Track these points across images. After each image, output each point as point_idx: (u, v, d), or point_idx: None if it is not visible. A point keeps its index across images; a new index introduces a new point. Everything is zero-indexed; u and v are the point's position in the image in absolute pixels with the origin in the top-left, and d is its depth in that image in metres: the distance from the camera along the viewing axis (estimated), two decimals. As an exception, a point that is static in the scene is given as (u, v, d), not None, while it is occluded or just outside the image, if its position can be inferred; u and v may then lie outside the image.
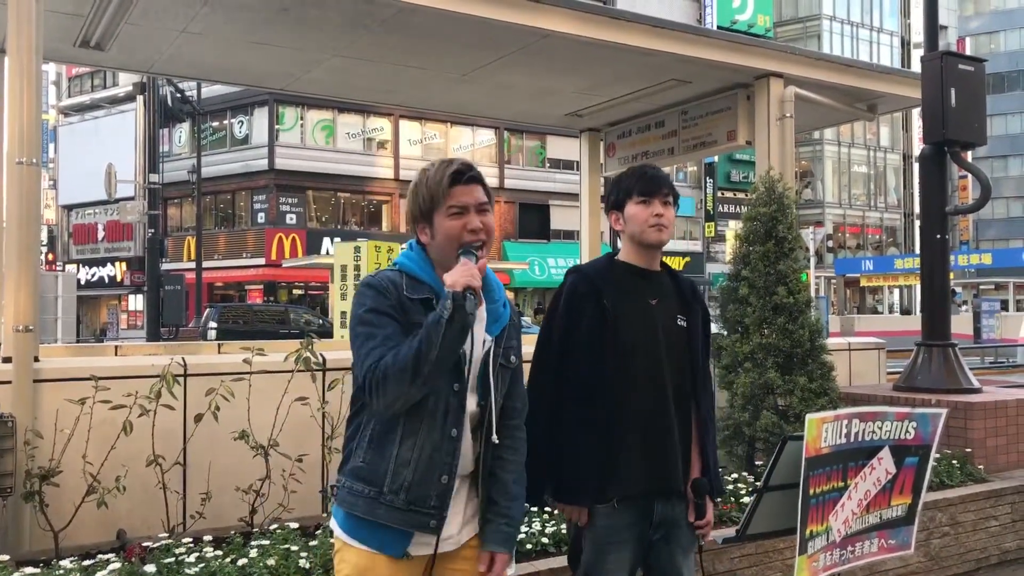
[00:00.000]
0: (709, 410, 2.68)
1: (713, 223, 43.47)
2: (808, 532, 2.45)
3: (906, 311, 48.14)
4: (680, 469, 2.55)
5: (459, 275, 2.00)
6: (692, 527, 2.59)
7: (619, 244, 2.81)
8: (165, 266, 27.73)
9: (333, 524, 2.18)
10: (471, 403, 2.15)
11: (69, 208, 39.31)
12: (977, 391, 5.93)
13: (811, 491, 2.43)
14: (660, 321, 2.59)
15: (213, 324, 22.33)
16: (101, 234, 37.93)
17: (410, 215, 2.22)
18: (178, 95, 27.18)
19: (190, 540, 3.51)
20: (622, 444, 2.51)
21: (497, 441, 2.16)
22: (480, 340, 2.15)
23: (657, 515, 2.54)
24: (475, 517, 2.20)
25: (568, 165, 35.92)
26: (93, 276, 37.59)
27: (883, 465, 2.62)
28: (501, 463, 2.23)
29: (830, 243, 48.89)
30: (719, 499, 2.95)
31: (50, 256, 39.35)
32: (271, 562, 3.22)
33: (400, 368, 1.95)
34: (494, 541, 2.19)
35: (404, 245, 2.29)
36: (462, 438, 2.11)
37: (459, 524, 2.16)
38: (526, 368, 2.42)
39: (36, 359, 3.95)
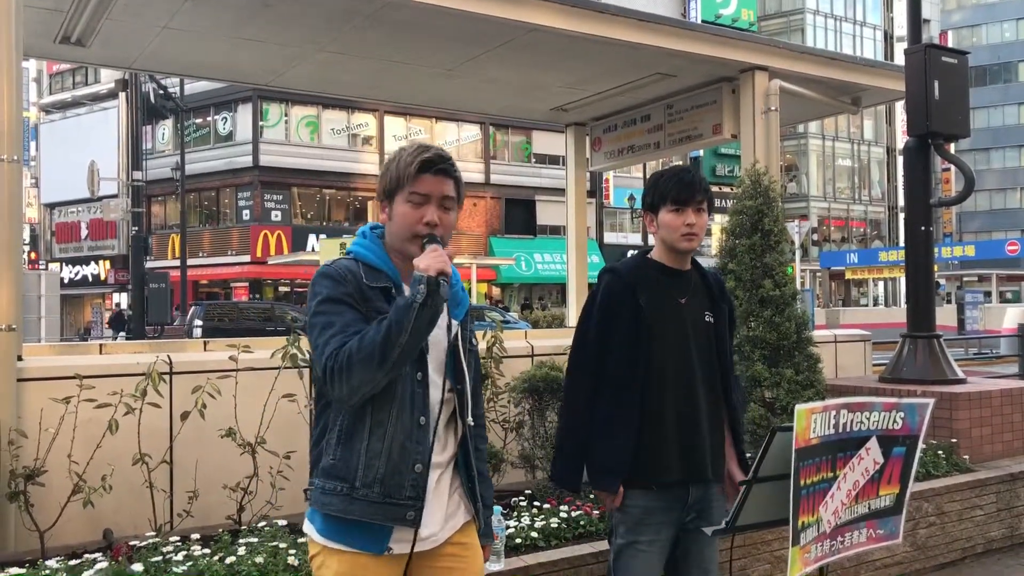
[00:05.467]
0: (738, 401, 2.83)
1: (699, 217, 43.50)
2: (800, 523, 2.46)
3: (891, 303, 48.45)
4: (709, 459, 2.67)
5: (431, 260, 1.94)
6: (723, 510, 2.71)
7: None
8: (149, 264, 27.58)
9: (308, 528, 2.11)
10: (442, 389, 2.10)
11: (52, 206, 39.00)
12: (962, 382, 5.97)
13: (802, 482, 2.44)
14: (689, 318, 2.72)
15: (199, 322, 22.19)
16: (84, 232, 37.66)
17: (378, 192, 2.18)
18: (161, 92, 26.95)
19: (177, 539, 3.49)
20: (655, 436, 2.63)
21: (471, 423, 2.15)
22: (444, 326, 2.11)
23: (692, 498, 2.67)
24: (457, 512, 2.16)
25: (554, 160, 35.95)
26: (77, 275, 37.33)
27: (871, 455, 2.63)
28: (478, 454, 2.24)
29: (815, 236, 49.15)
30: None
31: (33, 255, 39.00)
32: (259, 560, 3.20)
33: (368, 353, 1.90)
34: (484, 534, 2.23)
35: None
36: (430, 426, 2.07)
37: (440, 520, 2.11)
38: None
39: (19, 358, 3.92)
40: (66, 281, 33.84)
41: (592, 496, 3.99)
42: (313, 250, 29.01)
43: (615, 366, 2.67)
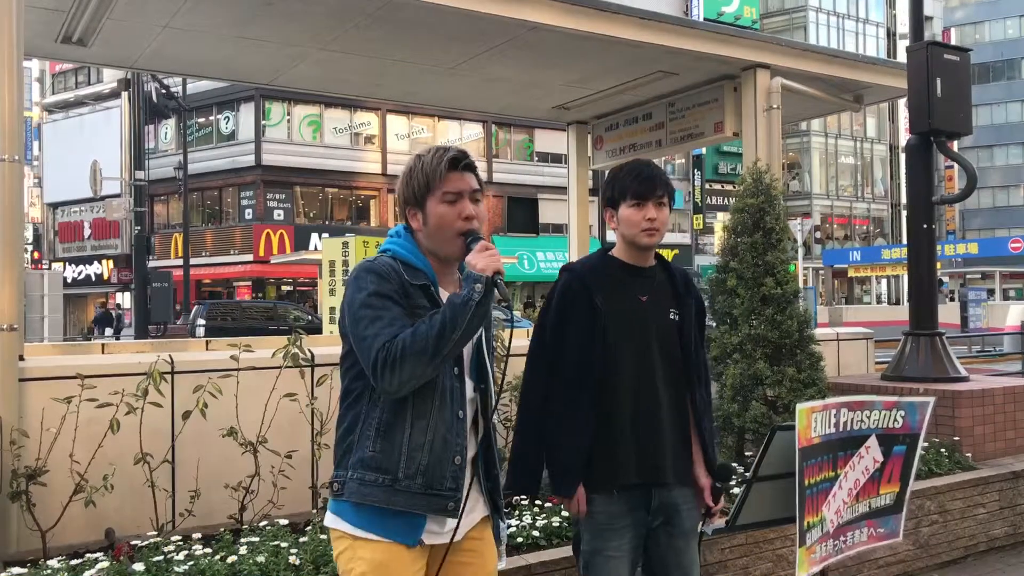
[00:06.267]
0: (703, 401, 2.72)
1: (701, 215, 43.55)
2: (806, 523, 2.45)
3: (895, 301, 48.38)
4: (671, 461, 2.59)
5: (488, 260, 2.01)
6: (695, 513, 2.65)
7: (607, 236, 2.84)
8: (152, 263, 27.60)
9: (335, 521, 2.12)
10: (470, 387, 2.17)
11: (55, 206, 39.05)
12: (964, 380, 5.96)
13: (806, 482, 2.43)
14: (651, 317, 2.64)
15: (201, 321, 22.20)
16: (87, 232, 37.71)
17: (401, 199, 2.21)
18: (163, 91, 27.00)
19: (179, 538, 3.50)
20: (612, 438, 2.56)
21: (495, 421, 2.21)
22: None
23: (655, 501, 2.59)
24: (475, 507, 2.20)
25: (556, 158, 35.91)
26: (79, 274, 37.37)
27: (871, 454, 2.63)
28: (493, 452, 2.28)
29: (818, 234, 49.06)
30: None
31: (36, 254, 39.08)
32: (261, 559, 3.20)
33: (421, 347, 1.95)
34: (496, 537, 2.29)
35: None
36: (467, 420, 2.14)
37: (465, 514, 2.14)
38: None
39: (21, 358, 3.92)
40: (69, 281, 33.89)
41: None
42: (316, 249, 28.95)
43: (570, 367, 2.61)
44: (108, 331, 29.34)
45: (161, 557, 3.26)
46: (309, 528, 3.56)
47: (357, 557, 2.08)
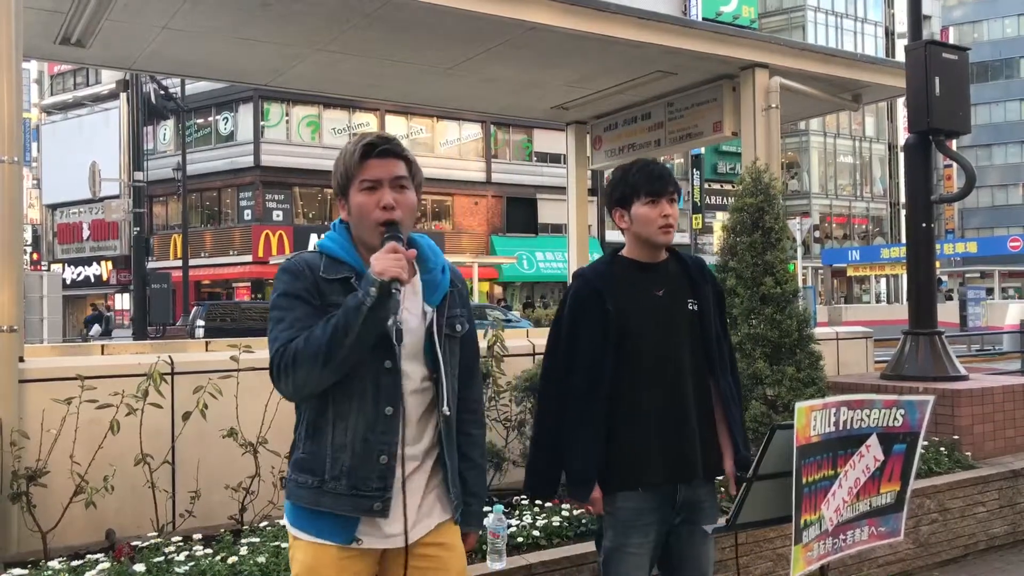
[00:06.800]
0: (729, 387, 2.73)
1: (700, 215, 43.55)
2: (802, 521, 2.45)
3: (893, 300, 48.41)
4: (699, 456, 2.61)
5: (388, 263, 1.89)
6: (715, 511, 2.66)
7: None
8: (151, 264, 27.61)
9: (286, 520, 2.12)
10: (416, 378, 2.06)
11: (53, 207, 39.03)
12: (964, 378, 5.96)
13: (803, 480, 2.43)
14: (669, 310, 2.64)
15: (201, 322, 22.18)
16: (86, 233, 37.70)
17: (334, 190, 2.15)
18: (162, 92, 26.98)
19: (180, 539, 3.50)
20: (637, 436, 2.57)
21: (448, 413, 2.07)
22: (419, 312, 2.08)
23: (680, 498, 2.61)
24: (434, 510, 2.10)
25: (555, 159, 35.91)
26: (79, 275, 37.36)
27: (871, 452, 2.63)
28: (468, 439, 2.21)
29: (817, 233, 49.11)
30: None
31: (35, 256, 39.06)
32: (262, 560, 3.21)
33: (313, 352, 1.89)
34: (468, 523, 2.21)
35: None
36: (399, 415, 2.01)
37: (413, 517, 2.05)
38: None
39: (21, 359, 3.92)
40: (68, 282, 33.87)
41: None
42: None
43: (582, 371, 2.61)
44: (96, 328, 29.31)
45: (162, 558, 3.26)
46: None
47: (295, 558, 2.07)
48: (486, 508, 2.75)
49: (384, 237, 1.99)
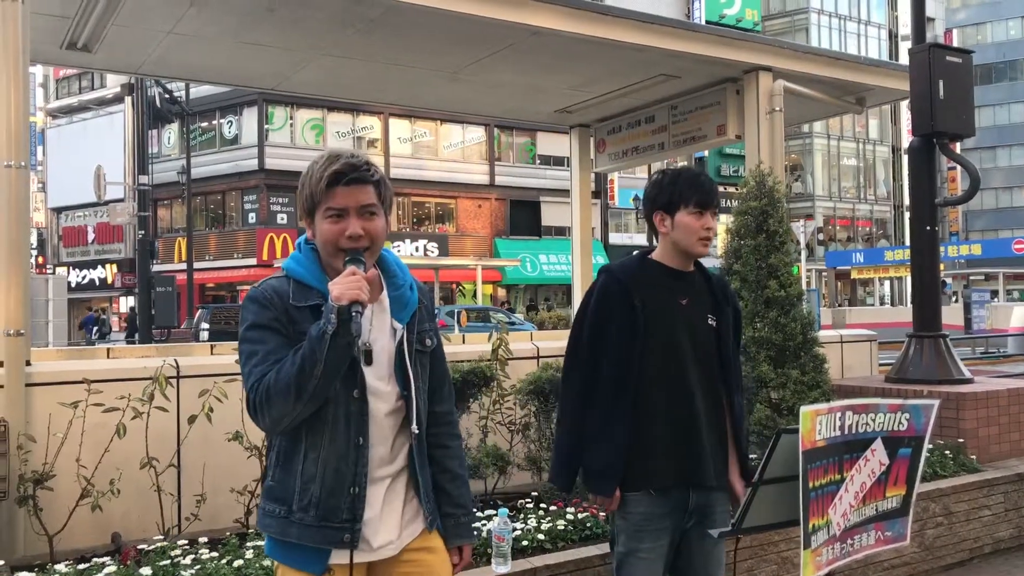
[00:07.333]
0: (739, 407, 2.77)
1: (704, 217, 43.44)
2: (811, 526, 2.45)
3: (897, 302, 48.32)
4: (710, 463, 2.63)
5: (345, 287, 1.84)
6: (727, 517, 2.68)
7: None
8: (156, 267, 27.66)
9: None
10: (390, 398, 2.04)
11: (58, 211, 39.14)
12: (969, 381, 5.95)
13: (810, 484, 2.43)
14: (690, 321, 2.67)
15: (205, 325, 22.24)
16: (91, 236, 37.79)
17: (299, 210, 2.08)
18: (167, 96, 27.06)
19: (185, 542, 3.51)
20: (650, 438, 2.59)
21: (416, 432, 2.05)
22: (388, 331, 2.06)
23: (692, 503, 2.63)
24: (416, 517, 2.11)
25: (558, 161, 35.93)
26: (84, 278, 37.43)
27: (876, 457, 2.63)
28: (446, 451, 2.20)
29: (820, 236, 49.02)
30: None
31: (40, 259, 39.17)
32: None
33: (284, 386, 1.85)
34: (460, 535, 2.19)
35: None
36: (369, 445, 2.00)
37: (396, 528, 2.05)
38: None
39: (28, 363, 3.93)
40: (73, 285, 33.93)
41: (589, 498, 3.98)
42: (319, 253, 28.93)
43: (609, 368, 2.63)
44: (95, 329, 29.40)
45: (168, 561, 3.27)
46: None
47: None
48: (490, 512, 2.75)
49: (345, 260, 1.96)
